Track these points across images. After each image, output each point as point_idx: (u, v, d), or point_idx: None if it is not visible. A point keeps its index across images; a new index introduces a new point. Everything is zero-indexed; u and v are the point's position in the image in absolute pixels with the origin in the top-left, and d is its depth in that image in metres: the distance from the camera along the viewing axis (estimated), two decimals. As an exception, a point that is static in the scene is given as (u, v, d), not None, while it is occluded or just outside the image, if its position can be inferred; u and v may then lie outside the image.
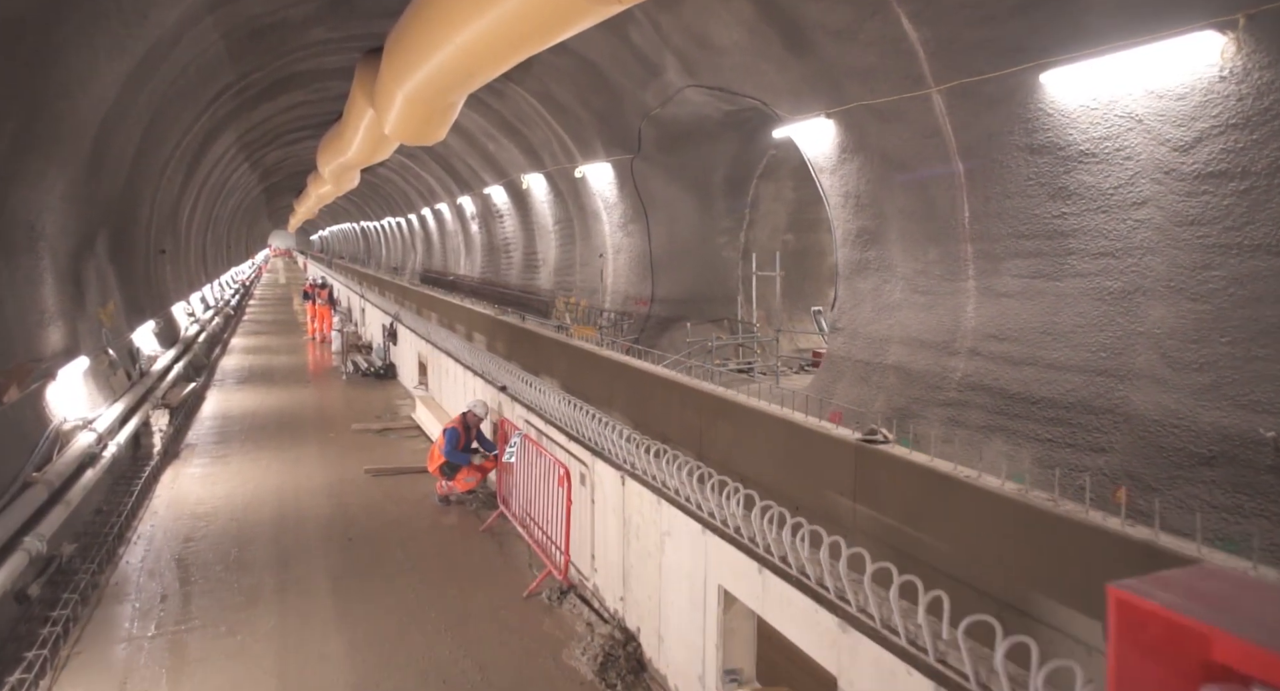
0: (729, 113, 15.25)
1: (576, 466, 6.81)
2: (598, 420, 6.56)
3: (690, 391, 9.26)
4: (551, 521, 7.13)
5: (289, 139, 26.38)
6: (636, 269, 18.78)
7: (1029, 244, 8.88)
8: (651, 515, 5.49)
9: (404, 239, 51.39)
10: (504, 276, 30.41)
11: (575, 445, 6.92)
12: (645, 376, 10.38)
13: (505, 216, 28.95)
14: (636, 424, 10.84)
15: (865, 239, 11.59)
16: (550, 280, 24.92)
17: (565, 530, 6.64)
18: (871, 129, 10.73)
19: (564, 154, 20.13)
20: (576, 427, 6.98)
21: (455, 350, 11.54)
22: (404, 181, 39.88)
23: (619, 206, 18.79)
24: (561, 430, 7.21)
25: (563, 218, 23.08)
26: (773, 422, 7.73)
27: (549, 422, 7.56)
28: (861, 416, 10.95)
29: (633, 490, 5.80)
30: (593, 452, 6.51)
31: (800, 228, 18.82)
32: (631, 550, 5.86)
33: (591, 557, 6.58)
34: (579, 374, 12.72)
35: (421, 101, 13.71)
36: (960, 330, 10.03)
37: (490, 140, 24.07)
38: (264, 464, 10.59)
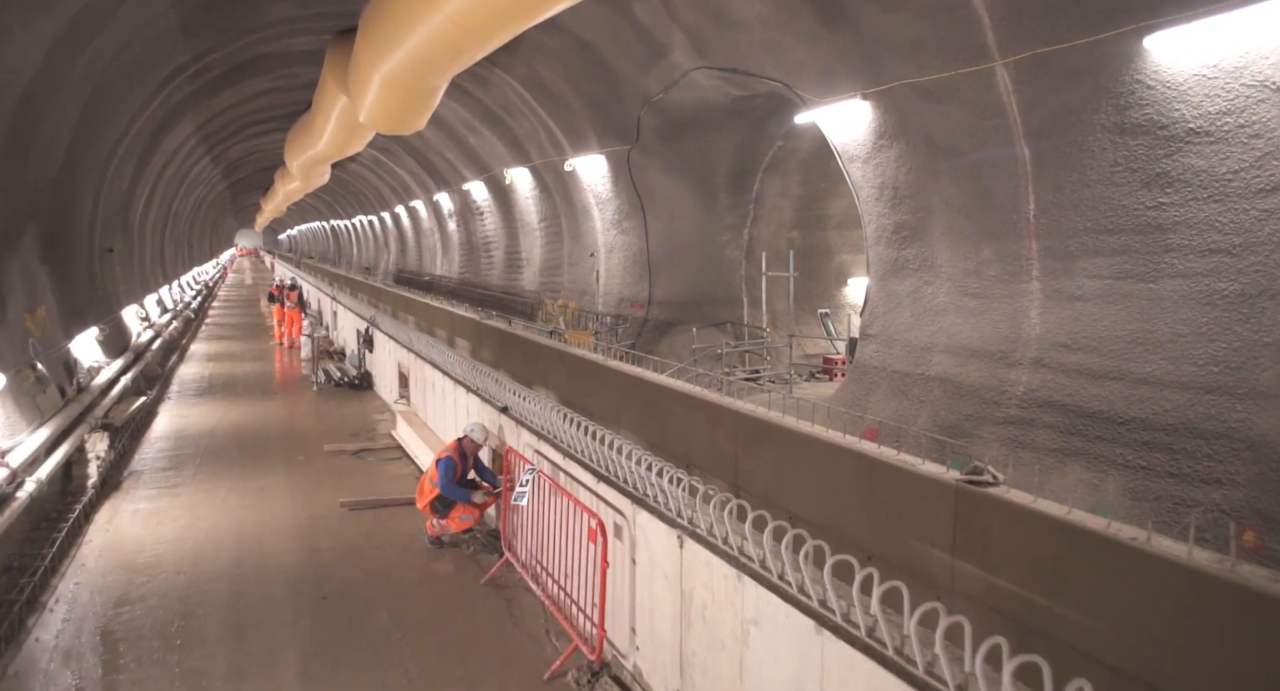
0: (737, 99, 14.00)
1: (609, 514, 5.50)
2: (638, 460, 5.24)
3: (723, 411, 7.97)
4: (574, 578, 5.81)
5: (254, 131, 24.71)
6: (632, 269, 17.47)
7: (1113, 239, 7.71)
8: (728, 594, 4.19)
9: (376, 238, 49.60)
10: (484, 277, 28.93)
11: (606, 487, 5.60)
12: (664, 392, 9.07)
13: (486, 213, 27.49)
14: (651, 445, 9.53)
15: (904, 235, 10.39)
16: (535, 281, 23.52)
17: (599, 598, 5.32)
18: (916, 111, 9.52)
19: (552, 146, 18.76)
20: (607, 465, 5.66)
21: (444, 362, 10.14)
22: (377, 177, 38.20)
23: (613, 202, 17.46)
24: (587, 467, 5.88)
25: (549, 214, 21.69)
26: (835, 453, 6.46)
27: (569, 456, 6.23)
28: (901, 434, 9.76)
29: (697, 556, 4.50)
30: (633, 500, 5.19)
31: (806, 225, 17.63)
32: (694, 634, 4.55)
33: (631, 632, 5.27)
34: (580, 386, 11.39)
35: (401, 84, 12.30)
36: (1021, 338, 8.85)
37: (471, 132, 22.62)
38: (221, 496, 9.13)
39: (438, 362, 10.33)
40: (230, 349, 22.12)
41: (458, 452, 7.66)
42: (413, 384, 12.15)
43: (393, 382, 13.79)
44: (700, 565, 4.45)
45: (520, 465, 6.92)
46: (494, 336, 15.13)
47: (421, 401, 11.60)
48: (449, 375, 9.77)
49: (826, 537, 6.73)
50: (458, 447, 7.71)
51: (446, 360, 10.00)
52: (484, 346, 15.93)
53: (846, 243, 18.10)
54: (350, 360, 17.75)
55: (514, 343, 13.99)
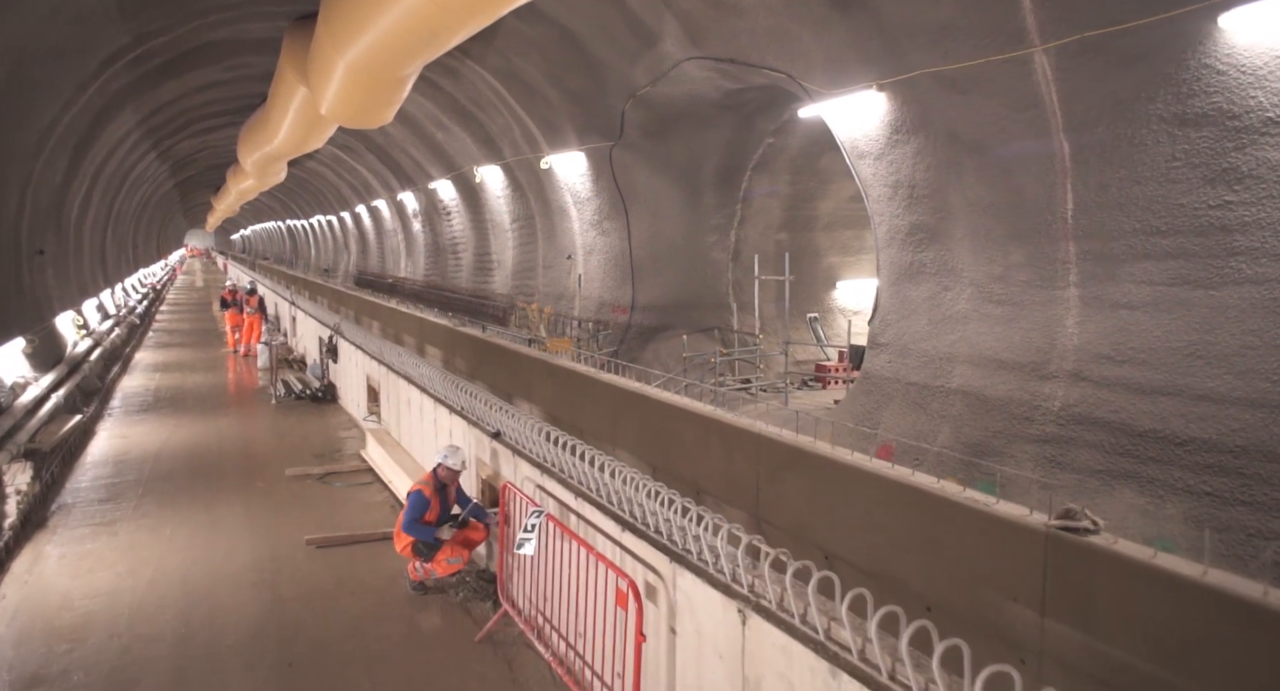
0: (730, 92, 13.19)
1: (638, 571, 4.61)
2: (679, 511, 4.36)
3: (741, 434, 7.12)
4: (591, 640, 4.91)
5: (205, 126, 23.27)
6: (614, 272, 16.57)
7: (1167, 242, 7.04)
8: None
9: (336, 238, 47.95)
10: (452, 279, 27.78)
11: (633, 537, 4.71)
12: (670, 411, 8.19)
13: (453, 213, 26.35)
14: (654, 469, 8.65)
15: (920, 237, 9.66)
16: (507, 284, 22.48)
17: (634, 682, 4.40)
18: (938, 102, 8.79)
19: (527, 142, 17.78)
20: (632, 510, 4.77)
21: (422, 377, 9.13)
22: (336, 176, 36.73)
23: (592, 201, 16.54)
24: (608, 512, 4.98)
25: (523, 215, 20.69)
26: (882, 485, 5.63)
27: (583, 497, 5.32)
28: (920, 452, 9.04)
29: (766, 638, 3.63)
30: (672, 558, 4.31)
31: (795, 226, 16.91)
32: (765, 733, 3.68)
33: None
34: (570, 400, 10.47)
35: (368, 72, 11.26)
36: (1056, 348, 8.16)
37: (439, 128, 21.51)
38: (167, 533, 8.03)
39: (415, 378, 9.32)
40: (180, 358, 20.70)
41: (432, 484, 6.69)
42: (384, 399, 11.10)
43: (360, 396, 12.70)
44: (772, 650, 3.58)
45: (517, 502, 5.99)
46: (469, 345, 14.11)
47: (394, 419, 10.56)
48: (428, 393, 8.77)
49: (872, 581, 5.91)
50: (433, 479, 6.74)
51: (424, 375, 9.00)
52: (458, 355, 14.90)
53: (835, 244, 17.43)
54: (312, 370, 16.56)
55: (492, 352, 13.00)
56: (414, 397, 9.34)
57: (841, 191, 16.84)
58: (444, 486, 6.72)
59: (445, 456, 6.60)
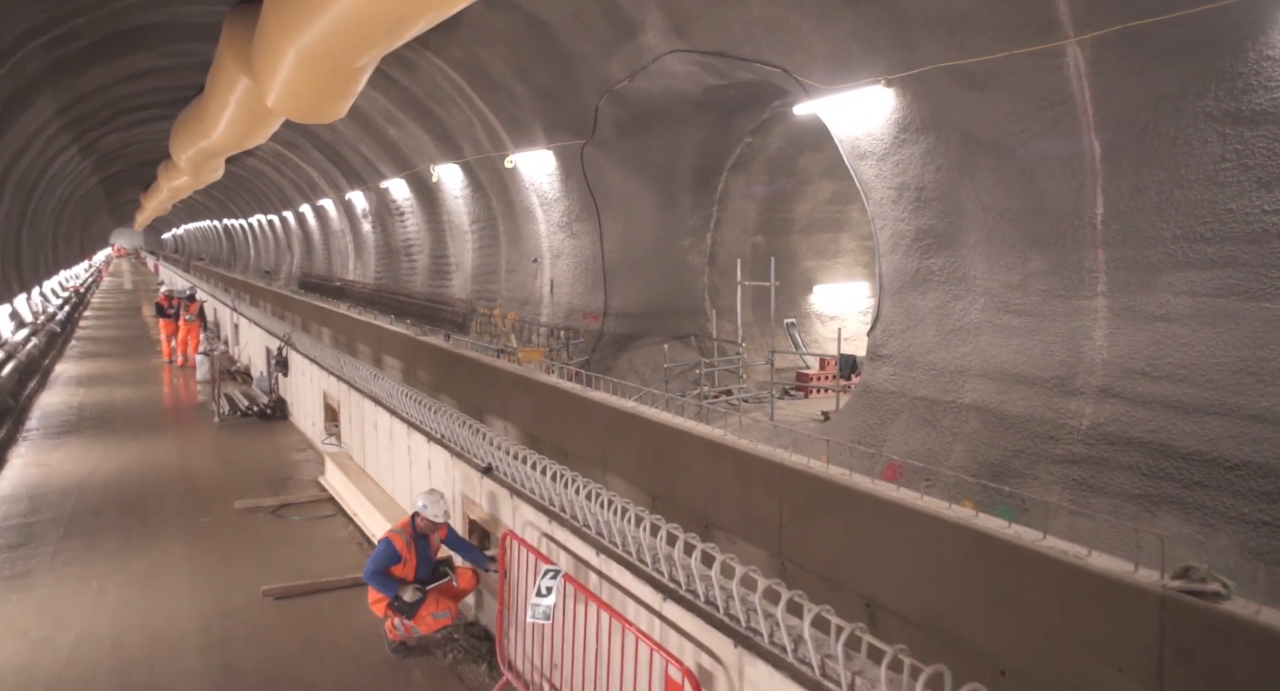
0: (711, 89, 12.49)
1: (688, 652, 3.82)
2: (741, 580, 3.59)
3: (762, 464, 6.40)
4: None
5: (134, 118, 21.68)
6: (584, 277, 15.74)
7: (1212, 249, 6.54)
8: None
9: (278, 239, 45.96)
10: (405, 283, 26.55)
11: (678, 607, 3.92)
12: (673, 435, 7.43)
13: (407, 214, 25.16)
14: (653, 498, 7.88)
15: (928, 243, 9.08)
16: (467, 288, 21.44)
17: (693, 793, 3.61)
18: (952, 99, 8.21)
19: (490, 140, 16.83)
20: (678, 575, 3.98)
21: (393, 399, 8.18)
22: (279, 173, 35.02)
23: (561, 202, 15.68)
24: (644, 576, 4.18)
25: (484, 216, 19.70)
26: (939, 528, 4.97)
27: (606, 553, 4.51)
28: (931, 473, 8.45)
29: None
30: (737, 642, 3.54)
31: (771, 228, 16.32)
32: None
33: None
34: (553, 420, 9.63)
35: (321, 62, 10.26)
36: (1082, 362, 7.64)
37: (392, 124, 20.38)
38: (94, 587, 6.94)
39: (384, 400, 8.36)
40: (107, 369, 19.12)
41: (408, 534, 5.79)
42: (345, 420, 10.07)
43: (316, 414, 11.62)
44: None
45: (520, 556, 5.15)
46: (434, 356, 13.12)
47: (358, 443, 9.56)
48: (401, 417, 7.83)
49: (930, 637, 5.21)
50: (409, 526, 5.84)
51: (396, 397, 8.05)
52: (420, 367, 13.89)
53: (812, 247, 16.90)
54: (258, 383, 15.33)
55: (461, 365, 12.06)
56: (382, 421, 8.39)
57: (818, 193, 16.32)
58: (423, 537, 5.82)
59: (424, 505, 5.70)
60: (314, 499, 9.29)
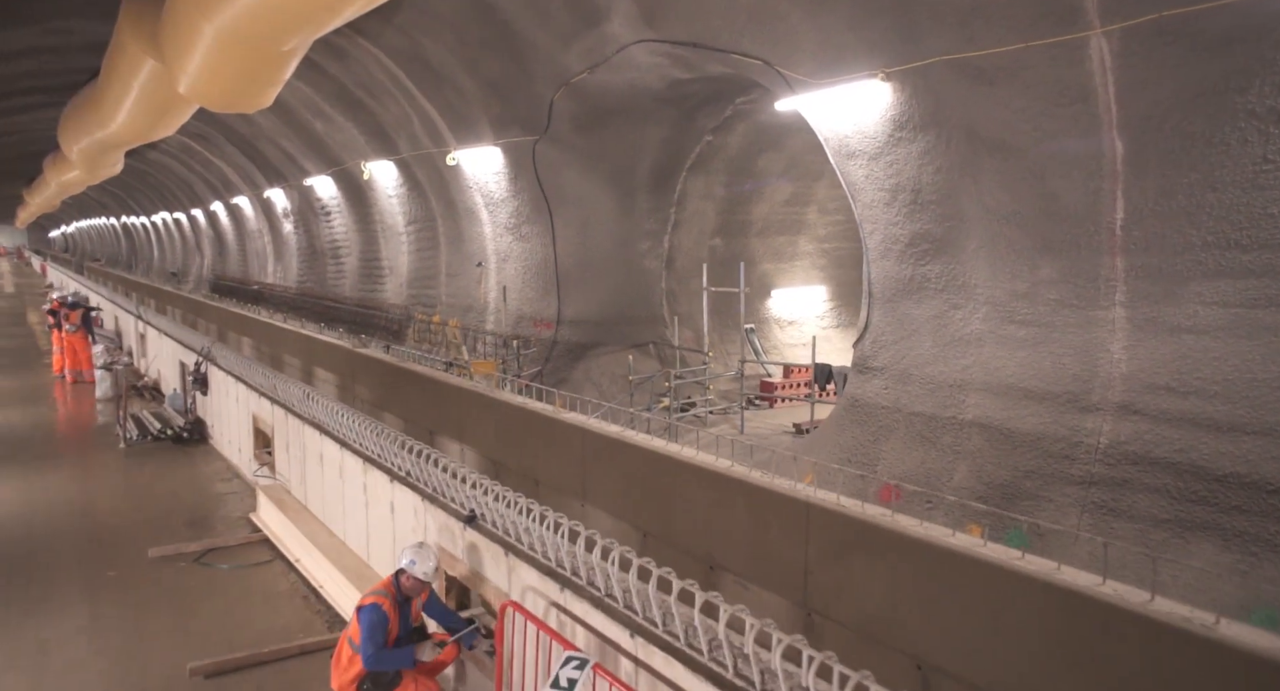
0: (677, 83, 11.75)
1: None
2: None
3: (783, 502, 5.69)
4: None
5: (13, 105, 19.58)
6: (535, 282, 14.78)
7: (1249, 257, 6.13)
8: None
9: (186, 239, 43.17)
10: (332, 287, 24.97)
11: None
12: (670, 465, 6.65)
13: (334, 213, 23.62)
14: (645, 534, 7.08)
15: (924, 248, 8.54)
16: (402, 293, 20.16)
17: None
18: (956, 94, 7.67)
19: (430, 135, 15.69)
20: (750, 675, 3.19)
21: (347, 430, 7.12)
22: (187, 169, 32.67)
23: (509, 203, 14.69)
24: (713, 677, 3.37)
25: (422, 216, 18.49)
26: (1016, 583, 4.33)
27: (645, 637, 3.69)
28: (932, 495, 7.91)
29: None
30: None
31: (729, 231, 15.71)
32: None
33: None
34: (520, 444, 8.71)
35: (246, 42, 9.11)
36: (1099, 377, 7.18)
37: (318, 117, 18.95)
38: (-19, 667, 5.71)
39: (333, 430, 7.29)
40: (-5, 386, 17.17)
41: (391, 595, 4.85)
42: (282, 448, 8.92)
43: (244, 439, 10.37)
44: None
45: (521, 629, 4.27)
46: (375, 371, 11.99)
47: (297, 475, 8.43)
48: (355, 450, 6.80)
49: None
50: (392, 586, 4.90)
51: (349, 426, 7.00)
52: (359, 382, 12.71)
53: (769, 250, 16.37)
54: (172, 402, 13.83)
55: (407, 381, 10.99)
56: (330, 452, 7.32)
57: (776, 195, 15.80)
58: (404, 598, 4.88)
59: (411, 561, 4.76)
60: (246, 541, 8.14)
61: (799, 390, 14.62)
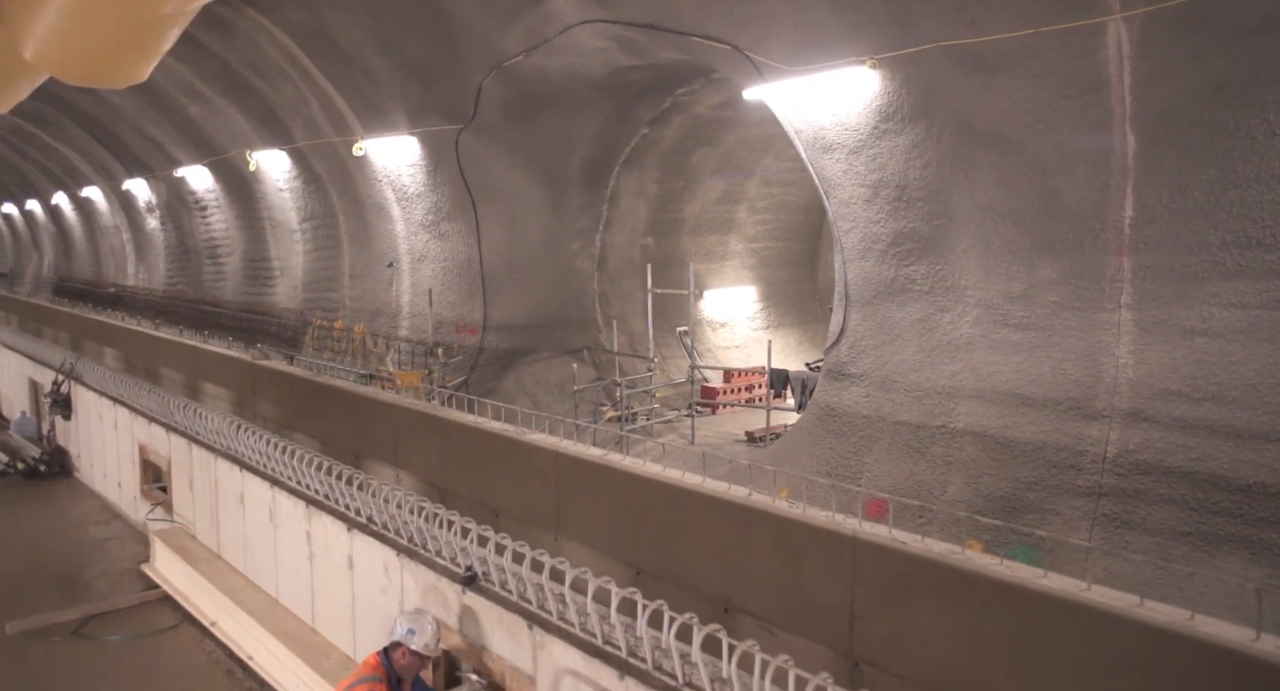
0: (621, 70, 10.90)
1: None
2: None
3: (822, 536, 4.99)
4: None
5: None
6: (457, 284, 13.58)
7: (1272, 257, 5.91)
8: None
9: (18, 235, 38.55)
10: (211, 290, 22.59)
11: None
12: (672, 494, 5.85)
13: (211, 208, 21.35)
14: (639, 572, 6.22)
15: (909, 248, 8.07)
16: (297, 297, 18.33)
17: None
18: (951, 84, 7.20)
19: (332, 122, 14.17)
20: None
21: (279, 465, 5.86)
22: (19, 155, 28.93)
23: (426, 198, 13.43)
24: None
25: (320, 212, 16.82)
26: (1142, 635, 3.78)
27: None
28: (926, 513, 7.46)
29: None
30: None
31: (661, 230, 15.01)
32: None
33: None
34: (472, 470, 7.65)
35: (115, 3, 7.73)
36: (1103, 382, 6.88)
37: (194, 99, 16.92)
38: None
39: (258, 465, 6.02)
40: None
41: (385, 679, 3.81)
42: (184, 484, 7.46)
43: (126, 473, 8.75)
44: None
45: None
46: (281, 385, 10.51)
47: (207, 517, 7.04)
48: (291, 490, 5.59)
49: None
50: (382, 667, 3.86)
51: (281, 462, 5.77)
52: (261, 398, 11.17)
53: (700, 250, 15.78)
54: (19, 428, 11.77)
55: (325, 397, 9.63)
56: (256, 491, 6.05)
57: (709, 192, 15.23)
58: (396, 681, 3.84)
59: (409, 632, 3.75)
60: (140, 601, 6.71)
61: (739, 395, 14.09)
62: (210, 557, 6.69)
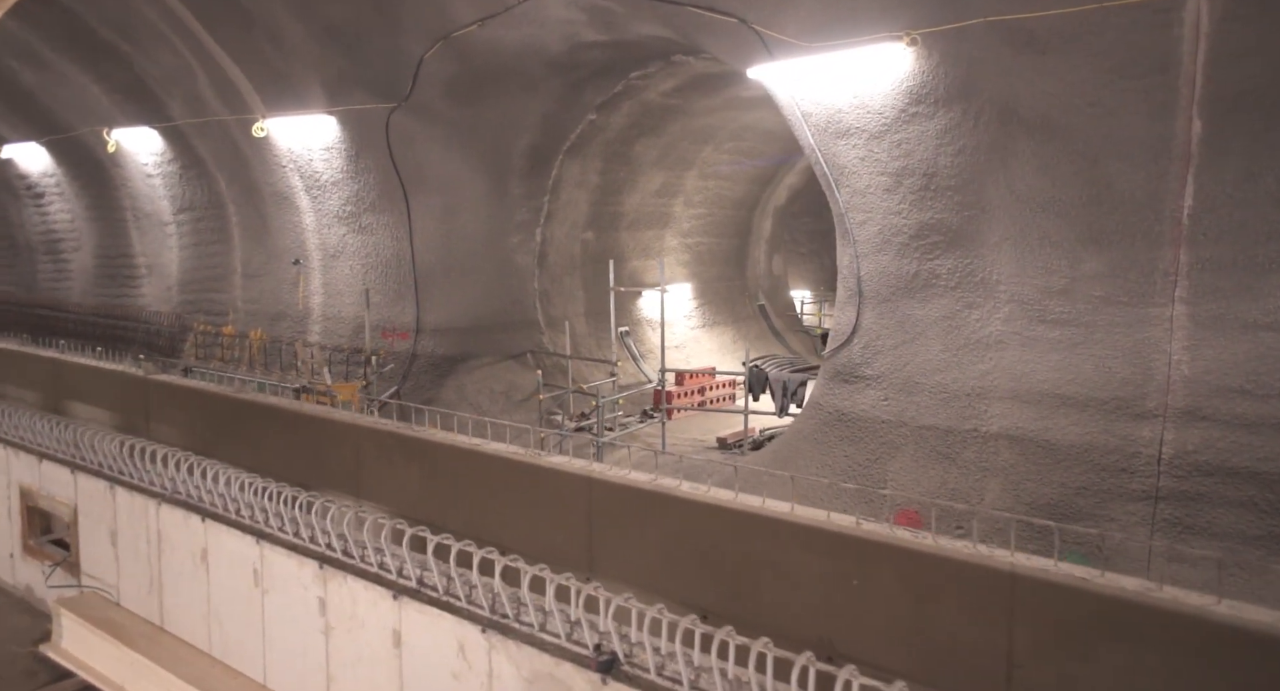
0: (582, 46, 9.85)
1: None
2: None
3: (972, 571, 4.26)
4: None
5: None
6: (384, 283, 12.05)
7: (1346, 249, 5.73)
8: None
9: None
10: (49, 292, 19.51)
11: None
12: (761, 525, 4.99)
13: (51, 196, 18.41)
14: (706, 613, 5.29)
15: (933, 241, 7.53)
16: (171, 299, 15.98)
17: None
18: (997, 63, 6.70)
19: (224, 97, 12.28)
20: None
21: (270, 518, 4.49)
22: None
23: (345, 186, 11.83)
24: None
25: (202, 201, 14.67)
26: None
27: None
28: (962, 517, 6.98)
29: None
30: None
31: (601, 223, 14.04)
32: None
33: None
34: (471, 501, 6.47)
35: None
36: (1154, 380, 6.57)
37: (30, 64, 14.39)
38: None
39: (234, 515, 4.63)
40: None
41: None
42: (97, 536, 5.82)
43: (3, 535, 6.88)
44: None
45: None
46: (187, 405, 8.76)
47: (144, 579, 5.47)
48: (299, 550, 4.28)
49: None
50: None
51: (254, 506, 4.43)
52: (158, 421, 9.32)
53: (638, 246, 14.92)
54: None
55: (255, 418, 8.05)
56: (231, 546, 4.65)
57: (649, 184, 14.40)
58: None
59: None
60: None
61: (693, 398, 13.35)
62: (150, 633, 5.18)
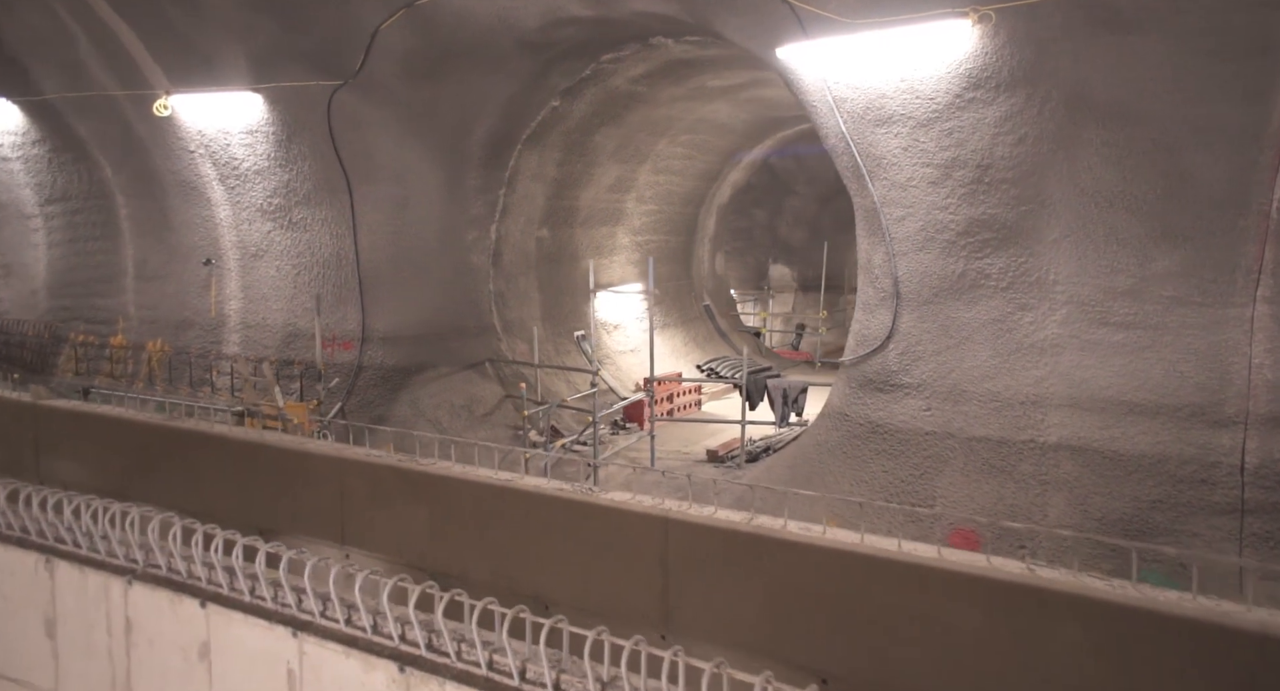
0: (558, 22, 8.76)
1: None
2: None
3: (1201, 631, 3.60)
4: None
5: None
6: (326, 287, 10.50)
7: None
8: None
9: None
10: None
11: None
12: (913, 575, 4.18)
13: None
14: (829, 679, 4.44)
15: (985, 238, 6.95)
16: (37, 305, 13.66)
17: None
18: (1071, 44, 6.15)
19: (113, 67, 10.42)
20: None
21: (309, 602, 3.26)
22: None
23: (272, 175, 10.23)
24: None
25: (81, 191, 12.55)
26: None
27: None
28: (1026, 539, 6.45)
29: None
30: None
31: (556, 219, 12.94)
32: None
33: None
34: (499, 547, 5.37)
35: None
36: (1233, 385, 6.22)
37: None
38: None
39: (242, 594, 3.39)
40: None
41: None
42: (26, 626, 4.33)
43: None
44: None
45: None
46: (103, 437, 7.11)
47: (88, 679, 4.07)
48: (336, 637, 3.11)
49: None
50: None
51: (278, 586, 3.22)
52: (53, 456, 7.59)
53: (592, 243, 13.90)
54: None
55: (194, 450, 6.56)
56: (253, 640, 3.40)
57: (604, 178, 13.41)
58: None
59: None
60: None
61: (661, 406, 12.44)
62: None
